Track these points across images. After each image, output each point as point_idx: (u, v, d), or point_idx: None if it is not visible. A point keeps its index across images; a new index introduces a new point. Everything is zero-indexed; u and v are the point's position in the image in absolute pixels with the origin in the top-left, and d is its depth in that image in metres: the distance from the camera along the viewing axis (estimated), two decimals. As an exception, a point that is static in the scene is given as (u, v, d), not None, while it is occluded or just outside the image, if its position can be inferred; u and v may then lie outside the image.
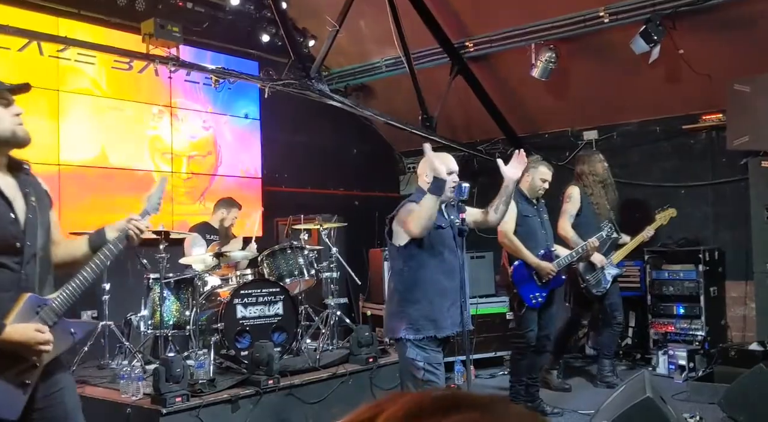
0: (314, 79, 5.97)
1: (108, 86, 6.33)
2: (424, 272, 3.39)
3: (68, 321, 2.30)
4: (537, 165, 4.89)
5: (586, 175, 5.63)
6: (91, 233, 2.50)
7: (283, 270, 5.36)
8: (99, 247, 2.41)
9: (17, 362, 2.12)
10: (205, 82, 7.02)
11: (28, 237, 2.21)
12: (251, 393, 4.33)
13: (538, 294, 4.74)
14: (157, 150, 6.71)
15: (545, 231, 4.90)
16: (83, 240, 2.48)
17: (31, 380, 2.15)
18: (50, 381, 2.26)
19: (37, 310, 2.19)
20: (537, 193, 4.92)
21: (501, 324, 6.46)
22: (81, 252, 2.45)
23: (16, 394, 2.11)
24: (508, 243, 4.74)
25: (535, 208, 4.88)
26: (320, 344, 5.30)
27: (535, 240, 4.79)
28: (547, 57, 6.56)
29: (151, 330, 5.05)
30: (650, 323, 6.44)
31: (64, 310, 2.26)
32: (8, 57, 5.63)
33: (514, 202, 4.53)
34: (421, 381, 3.38)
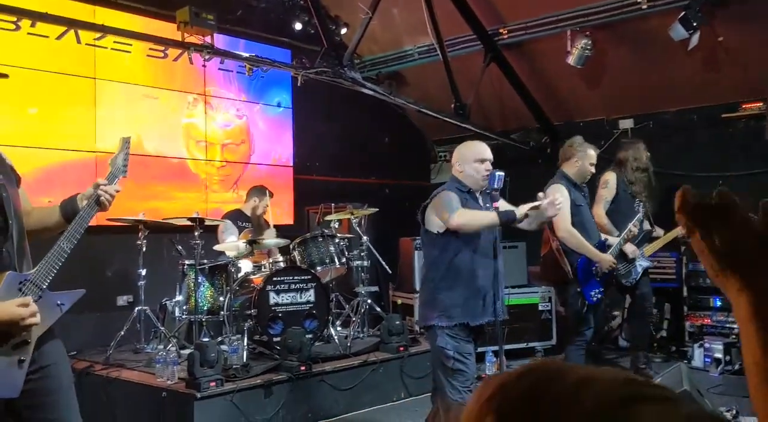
0: (347, 67, 5.97)
1: (143, 74, 6.43)
2: (459, 260, 3.39)
3: (53, 294, 2.25)
4: (584, 149, 4.66)
5: (629, 162, 5.52)
6: (63, 201, 2.46)
7: (315, 257, 5.41)
8: (71, 215, 2.38)
9: (9, 340, 2.11)
10: (238, 71, 7.08)
11: (5, 217, 2.19)
12: (284, 378, 4.39)
13: (597, 290, 4.56)
14: (192, 138, 6.80)
15: (593, 218, 4.74)
16: (54, 209, 2.45)
17: (26, 356, 2.15)
18: (42, 355, 2.24)
19: (20, 287, 2.15)
20: (585, 178, 4.73)
21: (533, 315, 6.43)
22: (53, 221, 2.43)
23: (13, 372, 2.11)
24: (569, 237, 4.48)
25: (583, 194, 4.69)
26: (351, 332, 5.35)
27: (588, 231, 4.60)
28: (582, 44, 6.47)
29: (185, 316, 5.15)
30: (686, 315, 6.35)
31: (46, 283, 2.22)
32: (46, 45, 5.74)
33: (567, 191, 4.44)
34: (450, 370, 3.39)
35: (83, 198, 2.41)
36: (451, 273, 3.42)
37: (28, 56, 5.66)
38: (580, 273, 4.57)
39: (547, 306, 6.54)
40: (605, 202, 5.39)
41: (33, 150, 5.58)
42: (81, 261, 5.18)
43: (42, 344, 2.23)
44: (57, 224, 2.41)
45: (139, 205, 5.71)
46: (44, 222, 2.43)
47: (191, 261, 5.10)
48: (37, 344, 2.20)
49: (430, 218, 3.48)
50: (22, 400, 2.16)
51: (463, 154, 3.53)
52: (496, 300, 3.42)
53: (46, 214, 2.44)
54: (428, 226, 3.48)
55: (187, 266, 5.24)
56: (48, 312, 2.21)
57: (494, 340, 5.18)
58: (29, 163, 5.48)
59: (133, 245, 5.13)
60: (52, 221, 2.42)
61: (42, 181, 5.49)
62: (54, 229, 2.40)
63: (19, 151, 5.40)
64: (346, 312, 5.71)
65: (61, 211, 2.42)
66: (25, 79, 5.62)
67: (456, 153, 3.59)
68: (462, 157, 3.52)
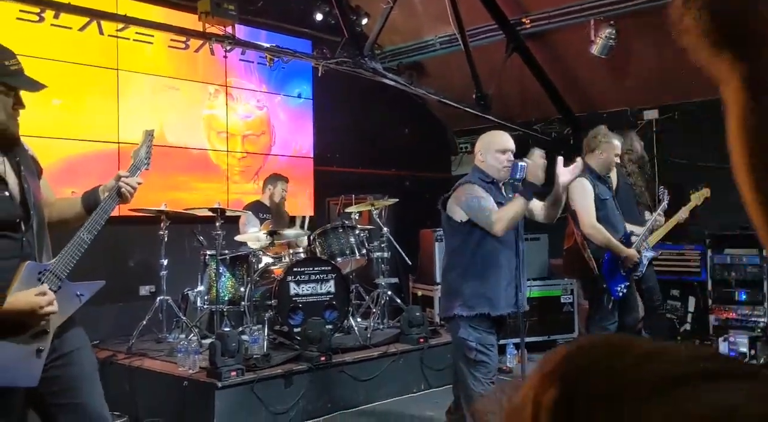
0: (367, 57, 5.95)
1: (165, 65, 6.46)
2: (482, 250, 3.35)
3: (73, 284, 2.28)
4: (609, 139, 4.56)
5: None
6: (85, 192, 2.49)
7: (335, 249, 5.41)
8: (93, 207, 2.40)
9: (27, 329, 2.14)
10: (259, 62, 7.09)
11: (26, 208, 2.24)
12: (304, 369, 4.41)
13: (623, 285, 4.50)
14: (213, 129, 6.84)
15: (619, 211, 4.64)
16: (76, 200, 2.47)
17: (44, 346, 2.17)
18: (64, 342, 2.28)
19: (39, 276, 2.18)
20: (610, 170, 4.66)
21: (555, 307, 6.39)
22: (74, 212, 2.45)
23: (32, 362, 2.13)
24: (595, 233, 4.40)
25: (608, 186, 4.62)
26: (371, 323, 5.35)
27: (615, 225, 4.53)
28: (606, 33, 6.39)
29: (207, 306, 5.19)
30: (710, 309, 6.27)
31: (66, 273, 2.24)
32: (69, 36, 5.79)
33: (590, 184, 4.39)
34: (472, 362, 3.36)
35: (105, 190, 2.43)
36: (474, 262, 3.38)
37: (52, 48, 5.72)
38: (606, 268, 4.50)
39: (569, 298, 6.50)
40: None
41: (56, 141, 5.64)
42: (104, 251, 5.26)
43: (63, 332, 2.26)
44: (78, 215, 2.43)
45: (161, 195, 5.75)
46: (66, 213, 2.46)
47: (212, 251, 5.14)
48: (57, 333, 2.23)
49: (452, 207, 3.45)
50: (44, 387, 2.19)
51: (486, 143, 3.49)
52: (518, 291, 3.39)
53: (68, 206, 2.48)
54: (450, 214, 3.46)
55: (208, 256, 5.28)
56: (67, 303, 2.23)
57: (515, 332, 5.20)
58: (53, 154, 5.54)
59: (155, 235, 5.17)
60: (74, 212, 2.44)
61: (65, 171, 5.54)
62: (75, 221, 2.42)
63: (43, 142, 5.46)
64: (366, 304, 5.72)
65: (83, 203, 2.45)
66: (49, 70, 5.66)
67: (479, 142, 3.55)
68: (484, 146, 3.48)
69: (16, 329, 2.10)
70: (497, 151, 3.43)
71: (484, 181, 3.43)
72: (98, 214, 2.34)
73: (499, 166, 3.41)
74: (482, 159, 3.47)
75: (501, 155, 3.42)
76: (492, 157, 3.43)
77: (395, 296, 5.82)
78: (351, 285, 5.30)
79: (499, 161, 3.41)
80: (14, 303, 2.09)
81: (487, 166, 3.46)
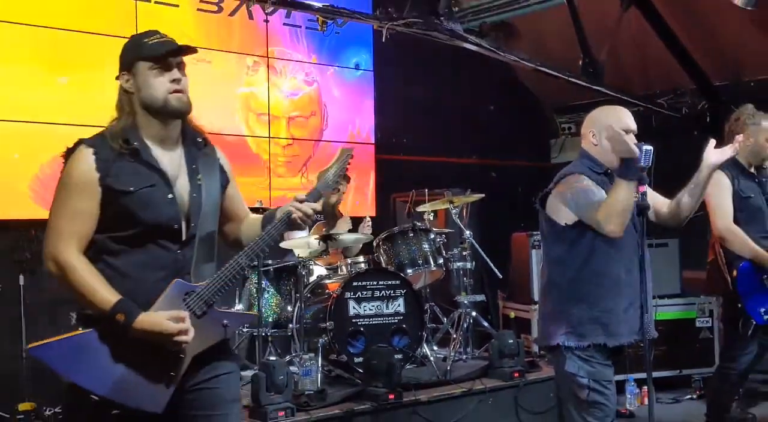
0: (443, 17, 5.92)
1: (194, 33, 6.59)
2: (595, 260, 3.29)
3: (220, 312, 2.50)
4: (758, 120, 4.48)
5: None
6: (267, 212, 2.73)
7: (404, 258, 5.41)
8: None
9: (161, 353, 2.37)
10: (308, 26, 7.17)
11: (190, 217, 2.50)
12: (368, 408, 4.42)
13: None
14: (252, 110, 6.94)
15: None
16: (257, 220, 2.72)
17: (176, 372, 2.40)
18: (206, 367, 2.51)
19: (184, 298, 2.42)
20: (762, 160, 4.56)
21: (689, 333, 6.26)
22: (254, 233, 2.67)
23: (159, 388, 2.38)
24: (729, 236, 4.38)
25: (756, 182, 4.53)
26: (451, 352, 5.32)
27: (761, 228, 4.45)
28: (756, -24, 6.20)
29: (247, 329, 5.26)
30: None
31: (214, 300, 2.46)
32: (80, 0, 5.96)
33: (728, 179, 4.35)
34: (585, 404, 3.31)
35: (281, 211, 2.64)
36: (583, 277, 3.32)
37: (58, 15, 5.87)
38: (741, 282, 4.42)
39: (707, 322, 6.35)
40: None
41: (63, 127, 5.80)
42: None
43: (206, 357, 2.49)
44: (255, 235, 2.63)
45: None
46: (246, 233, 2.72)
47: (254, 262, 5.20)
48: (201, 359, 2.47)
49: (555, 205, 3.39)
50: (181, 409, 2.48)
51: (600, 122, 3.42)
52: (643, 313, 3.30)
53: (252, 225, 2.72)
54: (552, 215, 3.39)
55: (248, 268, 5.34)
56: (210, 330, 2.46)
57: (638, 365, 5.09)
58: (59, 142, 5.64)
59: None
60: (253, 233, 2.66)
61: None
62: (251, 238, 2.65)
63: (47, 129, 5.65)
64: (444, 328, 5.70)
65: (261, 223, 2.69)
66: (55, 41, 5.84)
67: (588, 121, 3.49)
68: (598, 125, 3.41)
69: (150, 350, 2.35)
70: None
71: (596, 171, 3.37)
72: (262, 239, 2.54)
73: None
74: (595, 142, 3.41)
75: (623, 135, 3.33)
76: (609, 139, 3.35)
77: (481, 318, 5.78)
78: (425, 304, 5.27)
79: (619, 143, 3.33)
80: (143, 323, 2.32)
81: (601, 151, 3.39)
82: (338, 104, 7.51)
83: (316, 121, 7.36)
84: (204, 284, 2.45)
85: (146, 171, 2.46)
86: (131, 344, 2.33)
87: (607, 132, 3.32)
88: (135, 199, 2.41)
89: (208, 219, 2.54)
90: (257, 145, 6.97)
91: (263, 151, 7.00)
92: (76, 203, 2.41)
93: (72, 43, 5.94)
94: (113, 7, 6.14)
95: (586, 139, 3.46)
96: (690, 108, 7.80)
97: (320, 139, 7.36)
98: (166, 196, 2.46)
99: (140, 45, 2.53)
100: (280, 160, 7.07)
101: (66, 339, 2.35)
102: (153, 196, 2.44)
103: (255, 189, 6.68)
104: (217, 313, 2.48)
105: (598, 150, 3.40)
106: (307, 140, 7.27)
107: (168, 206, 2.45)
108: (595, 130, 3.42)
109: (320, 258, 5.43)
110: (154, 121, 2.52)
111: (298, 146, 7.19)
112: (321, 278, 5.36)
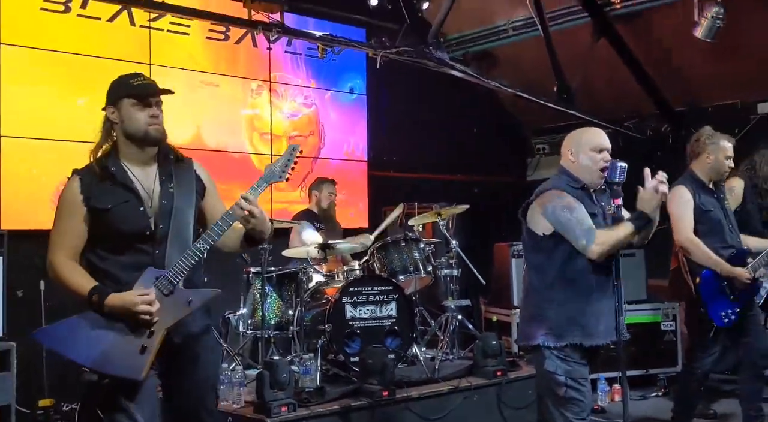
0: (432, 46, 5.94)
1: (203, 59, 6.57)
2: (572, 266, 3.27)
3: (185, 290, 2.71)
4: (716, 140, 4.52)
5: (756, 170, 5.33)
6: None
7: (397, 265, 5.35)
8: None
9: (134, 328, 2.62)
10: (307, 54, 7.18)
11: (160, 221, 2.73)
12: (364, 404, 4.37)
13: (730, 311, 4.38)
14: (255, 130, 6.93)
15: (731, 225, 4.55)
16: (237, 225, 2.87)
17: (150, 345, 2.62)
18: (178, 358, 2.76)
19: (155, 281, 2.66)
20: (720, 177, 4.59)
21: (654, 336, 6.26)
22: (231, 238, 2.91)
23: (136, 357, 2.60)
24: (690, 247, 4.40)
25: (715, 197, 4.55)
26: (438, 352, 5.28)
27: (719, 239, 4.46)
28: (713, 13, 6.24)
29: (251, 331, 5.20)
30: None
31: (178, 279, 2.68)
32: (98, 28, 5.94)
33: (690, 194, 4.37)
34: (563, 400, 3.27)
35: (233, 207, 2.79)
36: (562, 282, 3.30)
37: (78, 41, 5.85)
38: (704, 289, 4.42)
39: (670, 325, 6.35)
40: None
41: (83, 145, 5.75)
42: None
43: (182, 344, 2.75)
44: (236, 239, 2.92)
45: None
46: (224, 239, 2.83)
47: (257, 268, 5.16)
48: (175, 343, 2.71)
49: (534, 217, 3.37)
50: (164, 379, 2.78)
51: (578, 141, 3.41)
52: (617, 316, 3.28)
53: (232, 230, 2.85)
54: (532, 226, 3.38)
55: (252, 274, 5.30)
56: (177, 307, 2.68)
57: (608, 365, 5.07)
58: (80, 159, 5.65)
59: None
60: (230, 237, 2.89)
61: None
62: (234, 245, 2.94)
63: (68, 146, 5.62)
64: (432, 330, 5.65)
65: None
66: (75, 65, 5.82)
67: (567, 140, 3.47)
68: (576, 145, 3.40)
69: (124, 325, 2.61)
70: (592, 149, 3.33)
71: (574, 186, 3.35)
72: (217, 225, 2.74)
73: (595, 167, 3.32)
74: (573, 159, 3.39)
75: (597, 154, 3.32)
76: (586, 157, 3.34)
77: (466, 321, 5.74)
78: (415, 308, 5.23)
79: (595, 161, 3.32)
80: (113, 299, 2.59)
81: (578, 167, 3.37)
82: (334, 125, 7.50)
83: (314, 140, 7.35)
84: (170, 268, 2.68)
85: (122, 190, 2.72)
86: (110, 322, 2.61)
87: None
88: (113, 214, 2.68)
89: (178, 219, 2.76)
90: (260, 162, 6.94)
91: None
92: (65, 222, 2.72)
93: (91, 67, 5.92)
94: (129, 34, 6.13)
95: (565, 157, 3.45)
96: (653, 131, 7.85)
97: (318, 156, 7.35)
98: (138, 208, 2.71)
99: (126, 85, 2.82)
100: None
101: (58, 324, 2.66)
102: (128, 210, 2.70)
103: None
104: (183, 292, 2.70)
105: (576, 167, 3.38)
106: (306, 157, 7.23)
107: (141, 217, 2.71)
108: (573, 149, 3.40)
109: (319, 265, 5.40)
110: (133, 146, 2.78)
111: (297, 163, 7.14)
112: (320, 284, 5.31)
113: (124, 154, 2.79)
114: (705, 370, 4.56)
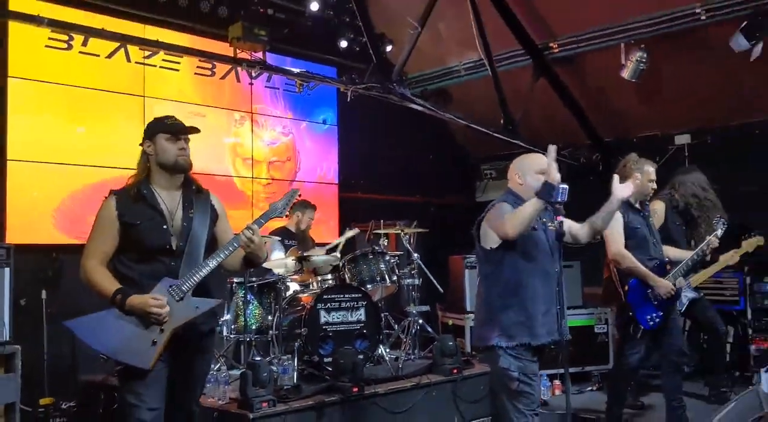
0: (396, 83, 5.98)
1: (191, 92, 6.52)
2: (517, 276, 3.27)
3: (193, 298, 2.88)
4: (641, 165, 4.58)
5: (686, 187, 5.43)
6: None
7: (365, 275, 5.32)
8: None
9: (148, 325, 2.79)
10: (285, 88, 7.17)
11: (179, 239, 2.92)
12: (336, 400, 4.31)
13: (654, 315, 4.43)
14: (238, 155, 6.88)
15: (655, 240, 4.61)
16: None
17: (159, 340, 2.79)
18: (185, 351, 2.93)
19: (169, 289, 2.84)
20: (645, 197, 4.65)
21: (589, 338, 6.30)
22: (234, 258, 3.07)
23: (147, 349, 2.78)
24: (621, 259, 4.43)
25: (642, 216, 4.59)
26: (402, 353, 5.25)
27: (645, 252, 4.50)
28: (638, 57, 6.37)
29: (234, 335, 5.12)
30: (751, 338, 6.12)
31: (188, 288, 2.85)
32: (97, 63, 5.87)
33: (620, 213, 4.35)
34: (515, 393, 3.26)
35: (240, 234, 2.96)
36: (509, 289, 3.29)
37: (80, 75, 5.78)
38: (632, 296, 4.46)
39: (603, 328, 6.40)
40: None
41: (81, 168, 5.65)
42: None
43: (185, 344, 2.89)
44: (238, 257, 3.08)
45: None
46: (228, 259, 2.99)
47: (240, 278, 5.09)
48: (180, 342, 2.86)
49: (485, 232, 3.38)
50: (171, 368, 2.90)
51: (523, 165, 3.43)
52: (560, 318, 3.29)
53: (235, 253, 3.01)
54: (482, 242, 3.39)
55: (235, 284, 5.23)
56: (185, 310, 2.85)
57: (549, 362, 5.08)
58: (78, 181, 5.57)
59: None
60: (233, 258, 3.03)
61: (90, 198, 5.51)
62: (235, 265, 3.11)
63: (68, 169, 5.52)
64: (396, 333, 5.62)
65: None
66: (76, 97, 5.74)
67: (514, 165, 3.49)
68: (522, 168, 3.42)
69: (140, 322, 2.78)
70: (537, 172, 3.35)
71: (518, 204, 3.37)
72: (224, 247, 2.95)
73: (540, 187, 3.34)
74: (521, 182, 3.40)
75: (541, 176, 3.35)
76: (532, 178, 3.35)
77: (426, 325, 5.72)
78: (381, 314, 5.19)
79: (540, 182, 3.35)
80: (133, 300, 2.77)
81: (525, 188, 3.38)
82: (309, 152, 7.48)
83: (291, 165, 7.32)
84: (183, 279, 2.86)
85: (150, 210, 2.90)
86: (128, 319, 2.78)
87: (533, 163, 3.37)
88: (141, 229, 2.86)
89: (195, 240, 2.93)
90: (242, 184, 6.89)
91: (247, 189, 6.92)
92: (100, 233, 2.89)
93: (91, 99, 5.85)
94: (125, 70, 6.07)
95: (513, 180, 3.46)
96: (586, 158, 7.93)
97: (294, 179, 7.33)
98: (161, 226, 2.89)
99: (161, 123, 3.01)
100: (261, 196, 6.99)
101: (87, 317, 2.81)
102: (153, 227, 2.88)
103: (240, 221, 6.40)
104: (192, 300, 2.88)
105: (522, 188, 3.39)
106: (283, 180, 7.22)
107: (164, 233, 2.88)
108: (521, 173, 3.42)
109: (295, 276, 5.35)
110: (164, 174, 2.97)
111: (276, 185, 7.12)
112: (296, 292, 5.26)
113: (155, 180, 2.97)
114: (633, 367, 4.59)
